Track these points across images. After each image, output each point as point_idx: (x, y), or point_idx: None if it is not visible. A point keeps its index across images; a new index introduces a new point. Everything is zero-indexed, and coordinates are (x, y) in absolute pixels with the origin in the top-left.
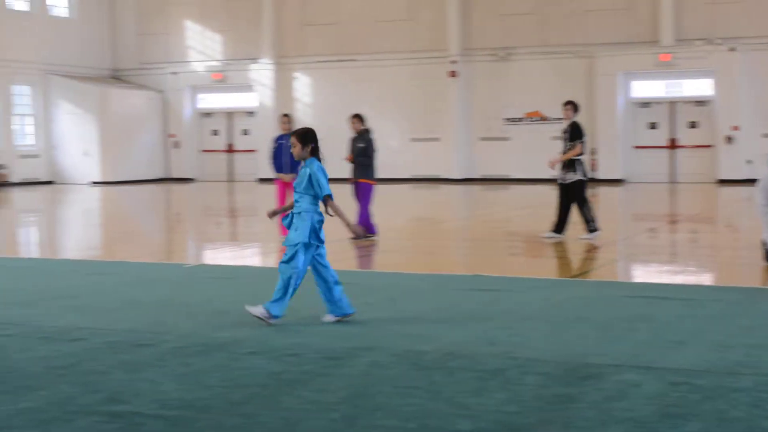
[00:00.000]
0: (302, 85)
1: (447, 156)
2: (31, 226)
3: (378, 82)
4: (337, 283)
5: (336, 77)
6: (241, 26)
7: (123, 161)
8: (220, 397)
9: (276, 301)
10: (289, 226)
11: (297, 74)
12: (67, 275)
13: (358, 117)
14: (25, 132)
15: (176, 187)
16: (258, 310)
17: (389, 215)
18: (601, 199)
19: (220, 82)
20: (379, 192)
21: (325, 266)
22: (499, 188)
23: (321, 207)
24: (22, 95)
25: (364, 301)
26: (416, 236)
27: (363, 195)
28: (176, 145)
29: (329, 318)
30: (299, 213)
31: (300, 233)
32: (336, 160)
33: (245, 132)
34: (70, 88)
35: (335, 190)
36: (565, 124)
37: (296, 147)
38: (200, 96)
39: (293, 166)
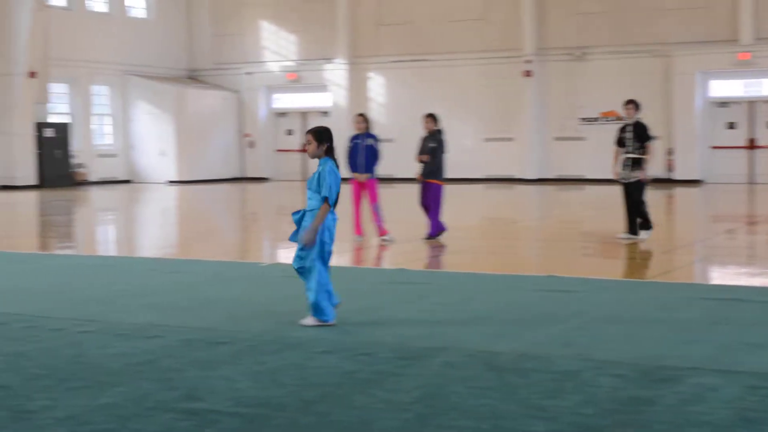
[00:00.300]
0: (376, 85)
1: (521, 156)
2: (109, 224)
3: (452, 82)
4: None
5: (410, 77)
6: (316, 26)
7: (199, 161)
8: (294, 396)
9: (317, 307)
10: (299, 223)
11: (371, 74)
12: (144, 273)
13: (431, 117)
14: (104, 132)
15: (251, 187)
16: (308, 321)
17: (462, 215)
18: (678, 199)
19: (295, 82)
20: (452, 192)
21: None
22: (574, 188)
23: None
24: (101, 95)
25: (437, 302)
26: (489, 236)
27: (433, 196)
28: (251, 144)
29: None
30: (311, 211)
31: (320, 231)
32: (409, 160)
33: None
34: (148, 89)
35: (404, 189)
36: (623, 123)
37: (312, 145)
38: (275, 96)
39: (368, 166)
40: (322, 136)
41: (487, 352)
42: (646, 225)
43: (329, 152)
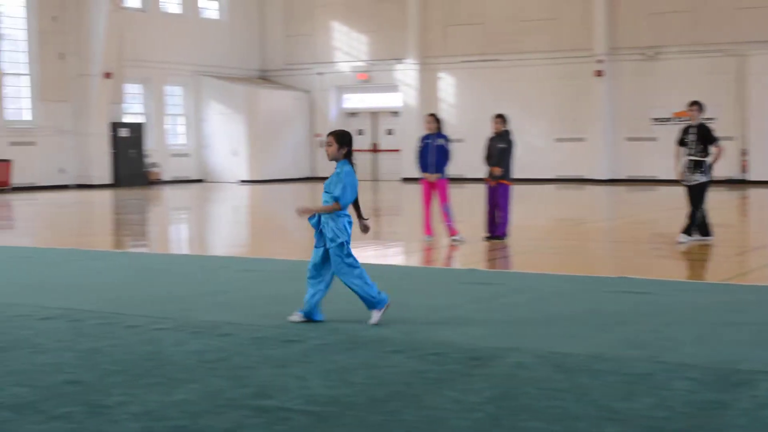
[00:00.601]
0: (446, 85)
1: (592, 156)
2: (182, 223)
3: (522, 82)
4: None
5: (480, 77)
6: (387, 27)
7: (270, 160)
8: (364, 394)
9: (370, 300)
10: (316, 226)
11: (441, 74)
12: (216, 271)
13: (501, 117)
14: (177, 131)
15: (320, 186)
16: (375, 318)
17: (532, 216)
18: (752, 201)
19: (365, 82)
20: (522, 192)
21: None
22: (646, 189)
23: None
24: (174, 95)
25: (508, 302)
26: (560, 237)
27: (502, 196)
28: (322, 144)
29: (296, 317)
30: (333, 213)
31: (340, 232)
32: (479, 160)
33: (389, 132)
34: (220, 89)
35: (472, 190)
36: (686, 124)
37: (332, 146)
38: (345, 96)
39: (439, 166)
40: (343, 139)
41: (558, 353)
42: (689, 230)
43: (348, 156)
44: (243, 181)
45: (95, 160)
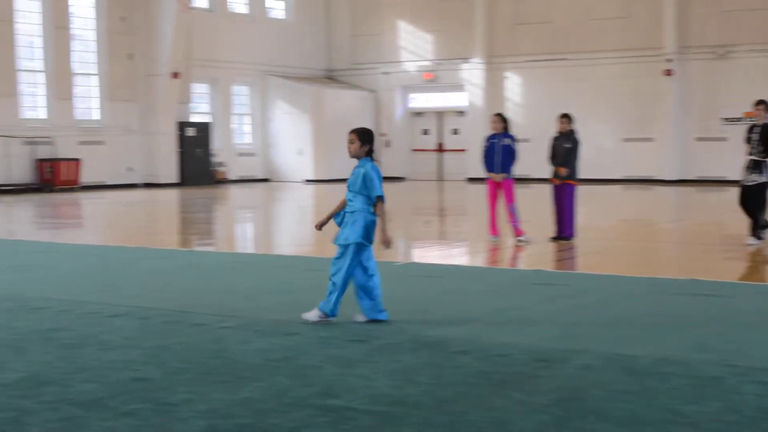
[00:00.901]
0: (513, 85)
1: (661, 156)
2: (247, 222)
3: (590, 82)
4: (367, 286)
5: (547, 76)
6: (453, 26)
7: (335, 160)
8: (430, 395)
9: (333, 303)
10: (340, 225)
11: (508, 73)
12: (281, 270)
13: (566, 117)
14: (243, 131)
15: (387, 186)
16: (313, 315)
17: (599, 216)
18: None
19: (431, 81)
20: (590, 193)
21: (366, 268)
22: (715, 190)
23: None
24: (241, 95)
25: (574, 303)
26: (627, 238)
27: (568, 196)
28: (387, 144)
29: (362, 318)
30: (352, 212)
31: (354, 232)
32: (545, 160)
33: (455, 131)
34: (286, 88)
35: (538, 190)
36: (751, 123)
37: (355, 144)
38: (411, 96)
39: (504, 166)
40: (365, 137)
41: (625, 355)
42: (759, 234)
43: (369, 153)
44: (308, 181)
45: (162, 160)
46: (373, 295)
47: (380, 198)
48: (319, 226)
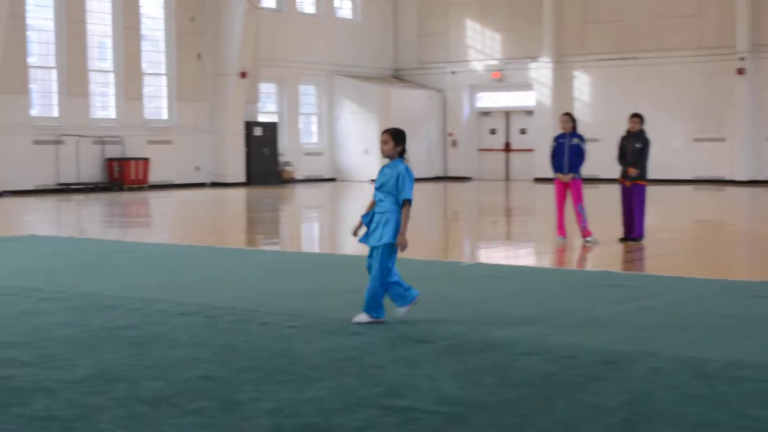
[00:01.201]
0: (581, 84)
1: (732, 157)
2: (314, 221)
3: (660, 81)
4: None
5: (617, 76)
6: (521, 25)
7: None
8: (496, 396)
9: (371, 302)
10: (368, 225)
11: (577, 73)
12: (347, 270)
13: (638, 116)
14: (310, 130)
15: (453, 186)
16: (363, 317)
17: (669, 217)
18: None
19: (499, 81)
20: (659, 193)
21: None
22: None
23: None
24: (308, 95)
25: (643, 305)
26: (698, 239)
27: (638, 197)
28: (454, 143)
29: (402, 310)
30: (383, 212)
31: (387, 233)
32: (613, 160)
33: (523, 131)
34: (353, 88)
35: (606, 190)
36: None
37: (388, 144)
38: (479, 95)
39: (573, 166)
40: (399, 138)
41: (695, 358)
42: None
43: (401, 154)
44: (374, 180)
45: (230, 159)
46: (393, 289)
47: (408, 201)
48: (355, 233)
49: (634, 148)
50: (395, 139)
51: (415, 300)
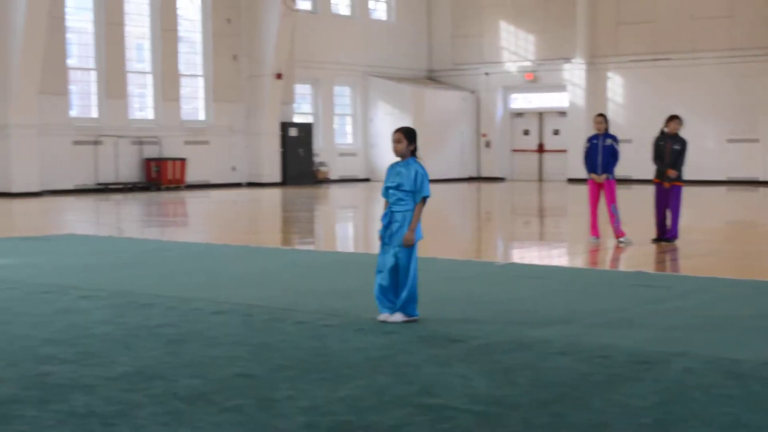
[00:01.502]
0: (615, 85)
1: (766, 157)
2: (348, 221)
3: (694, 81)
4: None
5: (650, 77)
6: (555, 26)
7: (436, 160)
8: (529, 395)
9: (411, 303)
10: (389, 225)
11: (610, 74)
12: None
13: (678, 119)
14: (345, 131)
15: (486, 186)
16: (398, 317)
17: (703, 218)
18: None
19: (532, 82)
20: (692, 194)
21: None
22: None
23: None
24: (343, 96)
25: (676, 306)
26: (731, 240)
27: (675, 197)
28: (488, 144)
29: (383, 317)
30: (404, 212)
31: (418, 232)
32: (646, 161)
33: (556, 132)
34: (387, 89)
35: (639, 191)
36: None
37: (402, 143)
38: (512, 96)
39: (606, 167)
40: (412, 136)
41: (728, 359)
42: None
43: (414, 152)
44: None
45: (265, 159)
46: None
47: (426, 198)
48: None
49: (672, 149)
50: (408, 138)
51: (415, 317)
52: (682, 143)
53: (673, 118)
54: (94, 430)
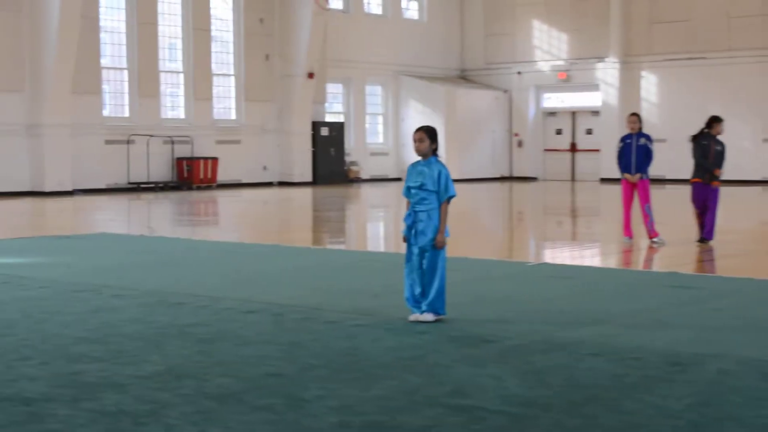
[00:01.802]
0: (649, 84)
1: None
2: (379, 221)
3: (729, 81)
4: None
5: (684, 76)
6: (588, 25)
7: (468, 159)
8: (561, 397)
9: (439, 302)
10: (413, 225)
11: (644, 73)
12: None
13: (720, 120)
14: (376, 130)
15: (518, 186)
16: (429, 316)
17: (738, 219)
18: None
19: (565, 81)
20: (728, 195)
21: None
22: None
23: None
24: (374, 95)
25: (711, 307)
26: (765, 241)
27: (714, 198)
28: (520, 144)
29: (414, 317)
30: (428, 211)
31: (445, 230)
32: (680, 161)
33: (589, 131)
34: (419, 88)
35: (675, 190)
36: None
37: (424, 143)
38: (545, 95)
39: (640, 166)
40: (433, 136)
41: (764, 361)
42: None
43: (435, 152)
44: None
45: (297, 159)
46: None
47: (450, 198)
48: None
49: (716, 150)
50: (430, 137)
51: (442, 316)
52: (722, 145)
53: (719, 121)
54: (125, 429)
